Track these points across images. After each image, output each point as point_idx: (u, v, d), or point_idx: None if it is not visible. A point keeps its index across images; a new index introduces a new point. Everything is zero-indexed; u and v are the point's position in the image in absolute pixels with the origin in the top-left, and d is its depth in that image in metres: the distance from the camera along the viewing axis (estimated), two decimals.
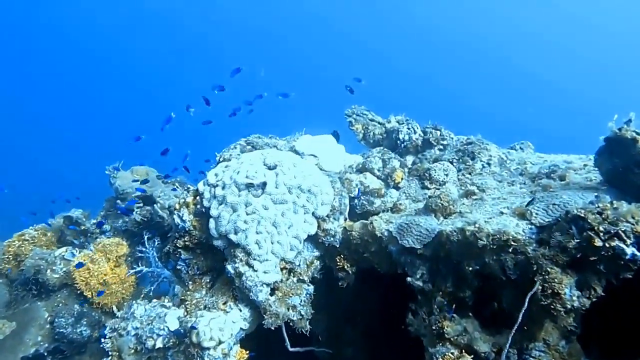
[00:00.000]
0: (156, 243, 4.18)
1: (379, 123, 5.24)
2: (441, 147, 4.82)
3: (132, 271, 4.14)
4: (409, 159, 4.82)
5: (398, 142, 4.87)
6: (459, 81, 37.20)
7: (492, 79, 37.41)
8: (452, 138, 4.90)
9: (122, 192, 6.35)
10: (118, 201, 6.23)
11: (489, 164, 4.27)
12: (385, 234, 3.42)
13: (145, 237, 4.19)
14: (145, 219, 5.91)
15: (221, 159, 4.65)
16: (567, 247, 2.69)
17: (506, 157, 4.37)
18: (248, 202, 3.32)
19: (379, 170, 3.92)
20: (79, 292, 5.06)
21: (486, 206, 3.49)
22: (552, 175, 3.75)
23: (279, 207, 3.33)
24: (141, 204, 6.08)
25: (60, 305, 5.24)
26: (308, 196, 3.45)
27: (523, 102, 35.09)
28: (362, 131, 5.16)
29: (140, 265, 4.20)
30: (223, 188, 3.43)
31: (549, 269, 2.73)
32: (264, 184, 3.38)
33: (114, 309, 4.75)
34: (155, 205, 5.90)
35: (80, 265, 4.79)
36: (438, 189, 4.14)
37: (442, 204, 3.39)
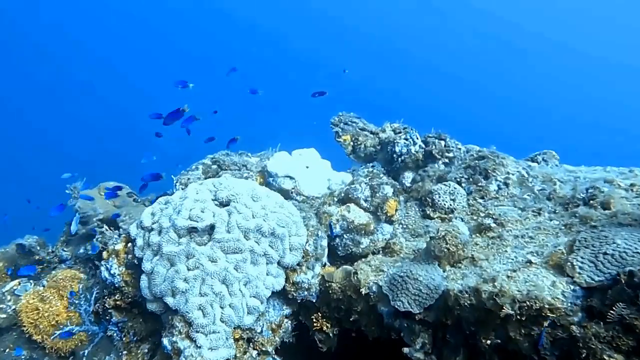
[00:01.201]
0: (95, 292, 3.39)
1: (371, 132, 4.37)
2: (446, 160, 3.96)
3: (57, 333, 3.36)
4: (408, 176, 3.96)
5: (394, 155, 4.01)
6: (451, 90, 35.59)
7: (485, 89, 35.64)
8: (460, 149, 4.03)
9: (84, 214, 5.61)
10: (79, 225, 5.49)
11: (506, 185, 3.40)
12: (374, 289, 2.59)
13: (79, 285, 3.41)
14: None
15: (178, 184, 3.88)
16: (635, 327, 1.85)
17: (527, 174, 3.49)
18: (190, 252, 2.50)
19: (366, 201, 3.07)
20: (27, 335, 4.38)
21: (507, 249, 2.64)
22: (591, 201, 2.88)
23: (232, 258, 2.52)
24: (103, 228, 5.34)
25: (7, 350, 4.57)
26: (271, 240, 2.62)
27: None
28: (351, 143, 4.29)
29: None
30: (159, 233, 2.63)
31: (606, 358, 1.89)
32: (212, 227, 2.57)
33: None
34: (118, 230, 5.16)
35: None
36: (443, 218, 3.29)
37: (448, 249, 2.54)
